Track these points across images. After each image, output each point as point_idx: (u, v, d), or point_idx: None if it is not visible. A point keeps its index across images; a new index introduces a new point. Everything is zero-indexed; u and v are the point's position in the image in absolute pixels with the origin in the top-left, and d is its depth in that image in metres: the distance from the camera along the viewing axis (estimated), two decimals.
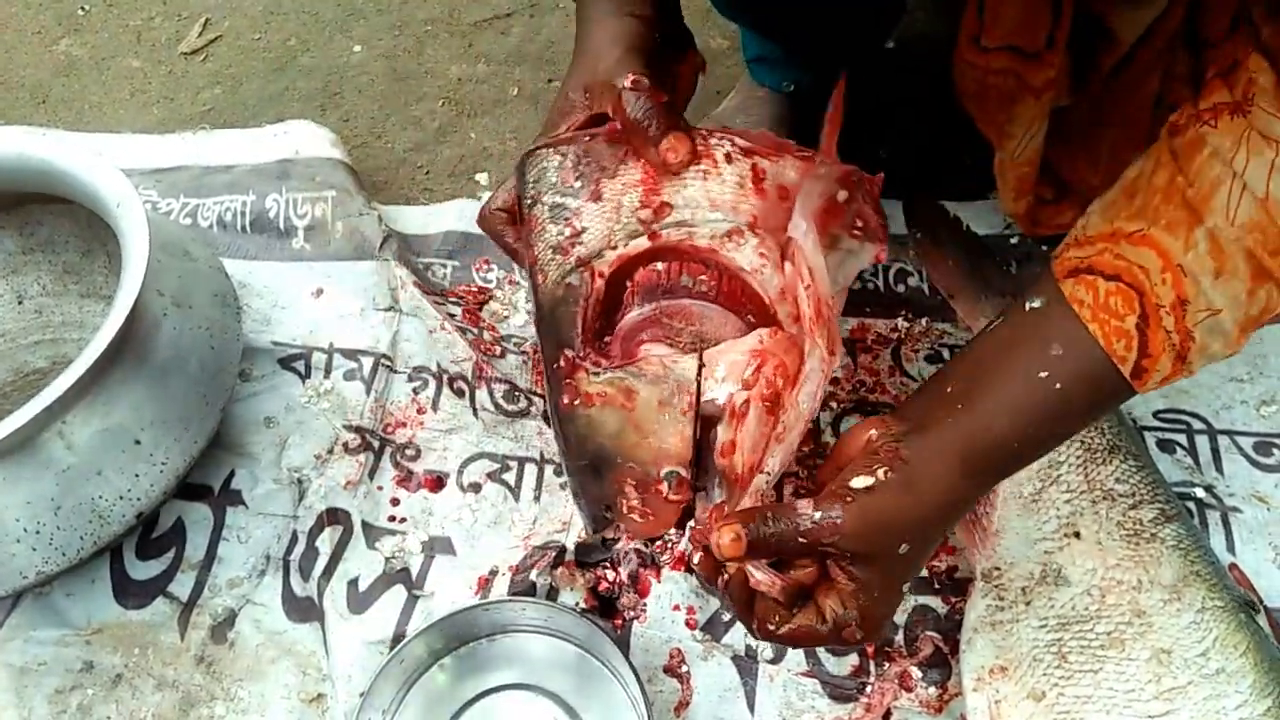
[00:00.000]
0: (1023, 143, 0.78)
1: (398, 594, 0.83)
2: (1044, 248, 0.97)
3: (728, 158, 0.66)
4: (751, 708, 0.76)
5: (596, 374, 0.61)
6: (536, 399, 0.94)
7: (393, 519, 0.87)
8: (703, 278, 0.65)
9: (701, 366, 0.62)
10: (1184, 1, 0.68)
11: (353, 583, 0.83)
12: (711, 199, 0.65)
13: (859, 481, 0.56)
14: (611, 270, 0.65)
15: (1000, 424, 0.57)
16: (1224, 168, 0.54)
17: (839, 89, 0.69)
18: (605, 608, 0.81)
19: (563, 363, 0.64)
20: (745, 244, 0.64)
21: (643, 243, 0.65)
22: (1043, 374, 0.57)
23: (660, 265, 0.66)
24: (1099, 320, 0.56)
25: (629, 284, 0.66)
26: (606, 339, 0.65)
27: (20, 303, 1.01)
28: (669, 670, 0.78)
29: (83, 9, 1.41)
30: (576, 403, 0.61)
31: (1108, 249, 0.57)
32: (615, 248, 0.65)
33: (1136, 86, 0.74)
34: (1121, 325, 0.56)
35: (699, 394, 0.61)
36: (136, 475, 0.77)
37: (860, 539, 0.55)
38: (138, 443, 0.77)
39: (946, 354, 0.94)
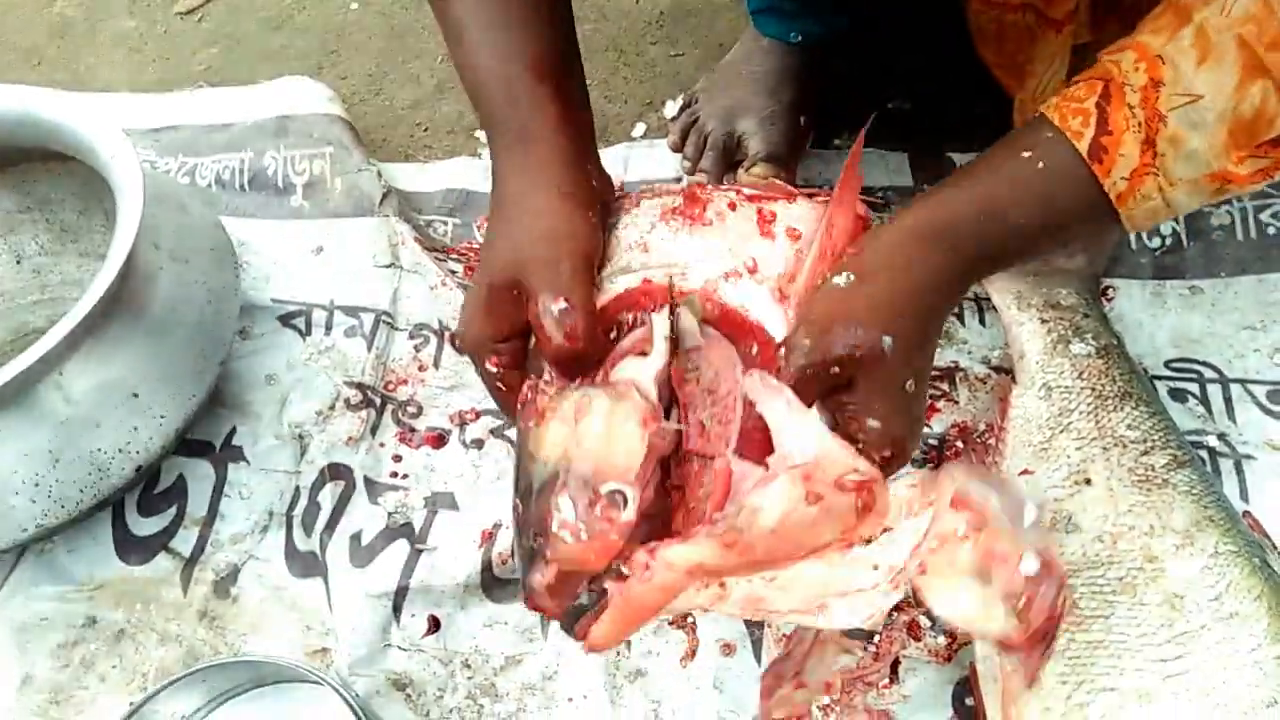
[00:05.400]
0: (1044, 80, 0.76)
1: (400, 548, 0.82)
2: None
3: (731, 206, 0.63)
4: (758, 658, 0.75)
5: (559, 393, 0.55)
6: None
7: (395, 475, 0.87)
8: (707, 305, 0.60)
9: (671, 383, 0.56)
10: None
11: (355, 537, 0.82)
12: (709, 246, 0.61)
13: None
14: (603, 307, 0.59)
15: (960, 197, 0.57)
16: None
17: (860, 136, 0.64)
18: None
19: (526, 389, 0.57)
20: (741, 283, 0.60)
21: (634, 279, 0.61)
22: (1008, 161, 0.57)
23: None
24: (1059, 109, 0.55)
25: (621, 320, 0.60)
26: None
27: (18, 262, 1.00)
28: (675, 623, 0.77)
29: None
30: (530, 422, 0.54)
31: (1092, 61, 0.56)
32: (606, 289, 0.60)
33: None
34: (1081, 105, 0.55)
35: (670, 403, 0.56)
36: (135, 428, 0.77)
37: (823, 348, 0.52)
38: (136, 395, 0.77)
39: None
